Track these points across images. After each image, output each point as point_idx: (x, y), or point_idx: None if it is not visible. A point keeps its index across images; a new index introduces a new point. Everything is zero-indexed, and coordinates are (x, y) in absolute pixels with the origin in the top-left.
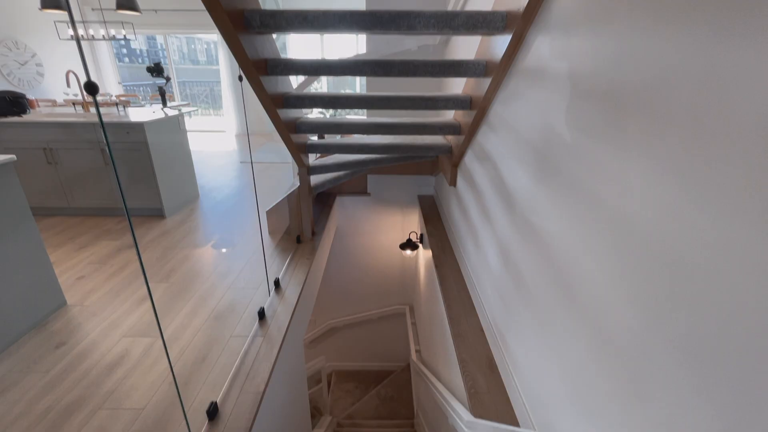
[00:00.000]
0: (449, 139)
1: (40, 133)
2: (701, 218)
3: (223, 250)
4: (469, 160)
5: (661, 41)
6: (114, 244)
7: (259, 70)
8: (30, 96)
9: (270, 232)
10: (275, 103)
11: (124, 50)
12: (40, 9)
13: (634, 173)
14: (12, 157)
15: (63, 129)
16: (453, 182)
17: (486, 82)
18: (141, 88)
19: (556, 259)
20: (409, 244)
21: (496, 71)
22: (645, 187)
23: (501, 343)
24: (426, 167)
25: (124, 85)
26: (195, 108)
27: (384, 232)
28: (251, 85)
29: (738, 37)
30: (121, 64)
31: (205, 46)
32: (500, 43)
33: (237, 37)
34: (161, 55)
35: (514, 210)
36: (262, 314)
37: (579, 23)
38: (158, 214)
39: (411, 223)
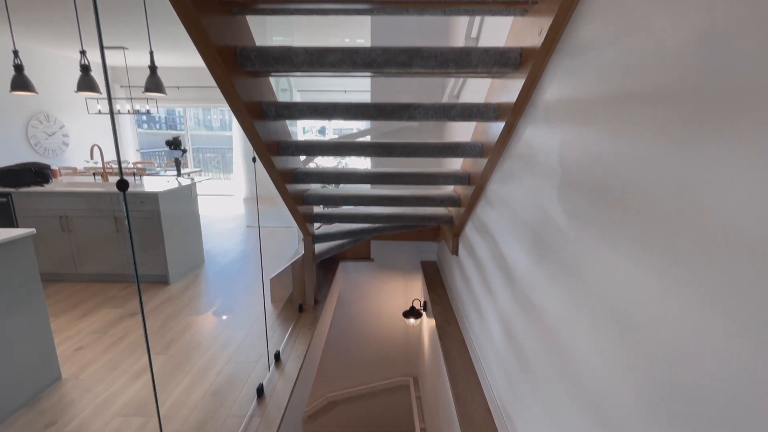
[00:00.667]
0: (450, 210)
1: (59, 202)
2: (686, 312)
3: (224, 317)
4: (470, 231)
5: (635, 146)
6: (116, 312)
7: (271, 151)
8: (53, 165)
9: (273, 300)
10: (284, 178)
11: (144, 117)
12: (75, 92)
13: (621, 261)
14: (32, 230)
15: (80, 198)
16: (455, 251)
17: (483, 162)
18: (157, 156)
19: (557, 340)
20: (412, 312)
21: (492, 154)
22: (632, 276)
23: (509, 427)
24: (428, 234)
25: (141, 152)
26: (208, 177)
27: (387, 299)
28: (263, 164)
29: (700, 150)
30: (140, 130)
31: (220, 114)
32: (494, 129)
33: (253, 124)
34: (178, 122)
35: (515, 286)
36: (260, 391)
37: (563, 120)
38: (162, 281)
39: (414, 290)
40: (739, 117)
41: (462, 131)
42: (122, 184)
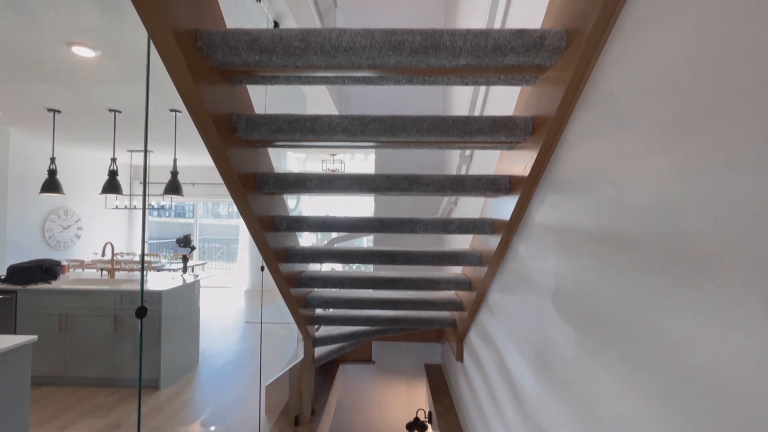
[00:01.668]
0: (453, 314)
1: (61, 300)
2: None
3: (212, 429)
4: (474, 337)
5: (619, 285)
6: (99, 424)
7: (279, 258)
8: (63, 259)
9: (267, 410)
10: (289, 283)
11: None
12: (100, 193)
13: (624, 397)
14: (33, 338)
15: (83, 296)
16: (459, 357)
17: (483, 270)
18: (164, 248)
19: None
20: (416, 425)
21: (491, 263)
22: (635, 414)
23: None
24: (432, 335)
25: (149, 243)
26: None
27: (389, 407)
28: (270, 272)
29: (669, 298)
30: (150, 218)
31: (228, 204)
32: (491, 241)
33: (264, 236)
34: (188, 209)
35: (523, 407)
36: None
37: (554, 246)
38: (153, 386)
39: (418, 396)
40: (699, 277)
41: (469, 212)
42: (141, 312)
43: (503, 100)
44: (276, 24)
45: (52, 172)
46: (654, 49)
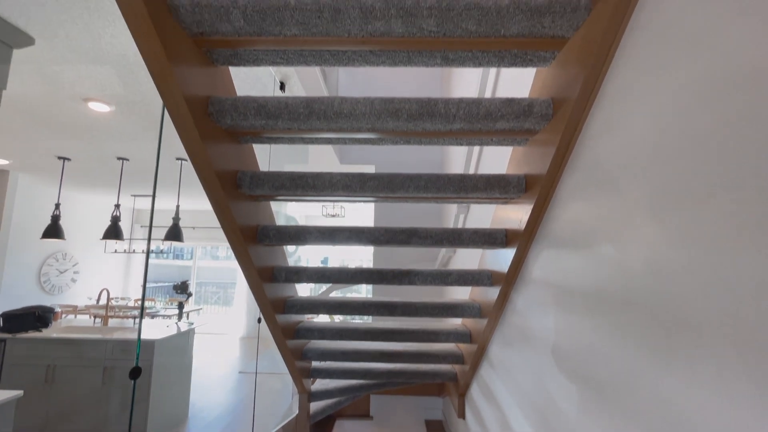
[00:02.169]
0: (454, 367)
1: (50, 350)
2: None
3: None
4: (476, 393)
5: (615, 349)
6: None
7: (277, 309)
8: (57, 304)
9: None
10: (286, 334)
11: (153, 248)
12: (101, 239)
13: None
14: (18, 393)
15: (72, 346)
16: (461, 414)
17: (483, 322)
18: (160, 291)
19: None
20: None
21: (490, 316)
22: None
23: None
24: (432, 388)
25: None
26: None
27: None
28: (266, 323)
29: (666, 365)
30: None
31: (227, 247)
32: (490, 293)
33: (262, 286)
34: (186, 250)
35: None
36: None
37: (552, 302)
38: None
39: None
40: (695, 345)
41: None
42: (135, 372)
43: (498, 154)
44: (282, 84)
45: (55, 218)
46: (635, 120)
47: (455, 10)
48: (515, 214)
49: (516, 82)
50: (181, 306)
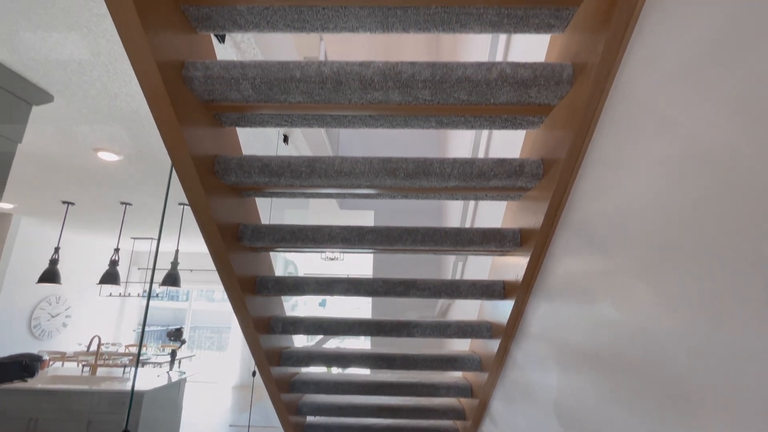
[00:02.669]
0: (456, 423)
1: (34, 402)
2: None
3: None
4: None
5: (615, 412)
6: None
7: (272, 362)
8: (45, 350)
9: None
10: (280, 388)
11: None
12: (97, 283)
13: None
14: None
15: (56, 397)
16: None
17: (483, 375)
18: (153, 336)
19: None
20: None
21: (491, 369)
22: None
23: None
24: None
25: (137, 331)
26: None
27: None
28: (261, 376)
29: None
30: (142, 302)
31: (223, 290)
32: (490, 345)
33: (258, 338)
34: (181, 292)
35: None
36: None
37: (551, 358)
38: None
39: None
40: (680, 409)
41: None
42: None
43: (494, 203)
44: (285, 137)
45: (53, 262)
46: (620, 184)
47: (448, 82)
48: (512, 266)
49: (508, 140)
50: (173, 354)
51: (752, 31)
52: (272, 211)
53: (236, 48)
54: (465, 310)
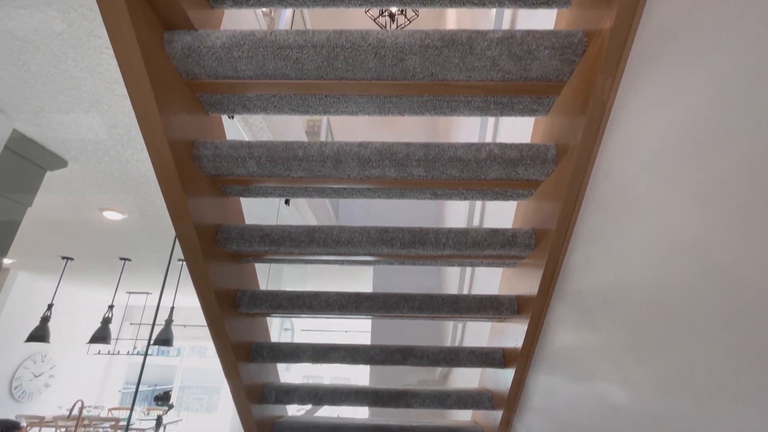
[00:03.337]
0: None
1: None
2: None
3: None
4: None
5: None
6: None
7: (262, 430)
8: (24, 412)
9: None
10: None
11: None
12: (87, 343)
13: None
14: None
15: None
16: None
17: None
18: (139, 399)
19: None
20: None
21: None
22: None
23: None
24: None
25: (122, 392)
26: None
27: None
28: None
29: None
30: (130, 359)
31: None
32: (492, 416)
33: (249, 409)
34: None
35: None
36: None
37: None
38: None
39: None
40: None
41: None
42: None
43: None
44: (287, 201)
45: (44, 319)
46: (609, 259)
47: (440, 161)
48: (512, 333)
49: (502, 204)
50: (159, 420)
51: (713, 131)
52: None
53: (244, 121)
54: (467, 373)
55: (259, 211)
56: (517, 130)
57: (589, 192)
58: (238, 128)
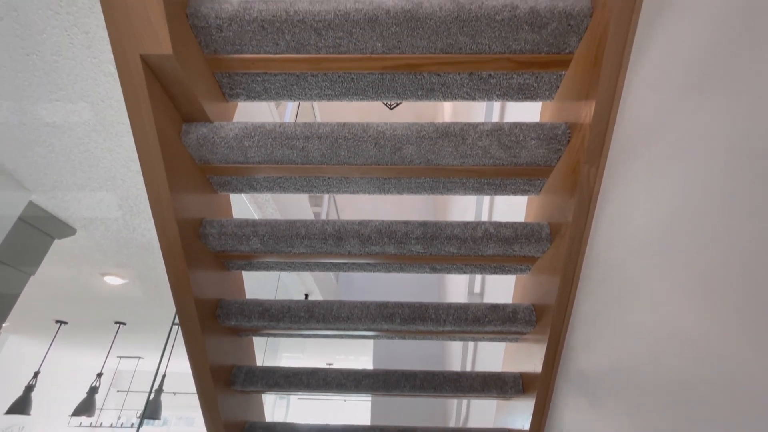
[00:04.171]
0: None
1: None
2: None
3: None
4: None
5: None
6: None
7: None
8: None
9: None
10: None
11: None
12: (70, 415)
13: None
14: None
15: None
16: None
17: None
18: None
19: None
20: None
21: None
22: None
23: None
24: None
25: None
26: None
27: None
28: None
29: None
30: (114, 429)
31: None
32: None
33: None
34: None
35: None
36: None
37: None
38: None
39: None
40: None
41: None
42: None
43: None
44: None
45: (28, 389)
46: (608, 344)
47: (438, 239)
48: (519, 412)
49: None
50: None
51: (693, 225)
52: None
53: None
54: None
55: (260, 273)
56: (513, 201)
57: (585, 271)
58: (243, 199)
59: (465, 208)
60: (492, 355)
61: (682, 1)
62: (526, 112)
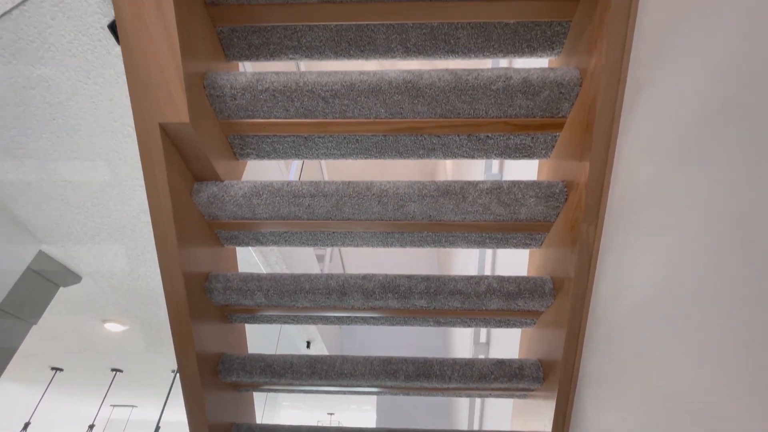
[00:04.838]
0: None
1: None
2: None
3: None
4: None
5: None
6: None
7: None
8: None
9: None
10: None
11: None
12: None
13: None
14: None
15: None
16: None
17: None
18: None
19: None
20: None
21: None
22: None
23: None
24: None
25: None
26: None
27: None
28: None
29: None
30: None
31: None
32: None
33: None
34: None
35: None
36: None
37: None
38: None
39: None
40: None
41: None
42: None
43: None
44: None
45: None
46: (616, 409)
47: (442, 294)
48: None
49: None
50: None
51: (691, 292)
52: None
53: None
54: None
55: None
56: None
57: (590, 328)
58: (248, 248)
59: (468, 254)
60: (499, 408)
61: (666, 75)
62: (525, 165)
